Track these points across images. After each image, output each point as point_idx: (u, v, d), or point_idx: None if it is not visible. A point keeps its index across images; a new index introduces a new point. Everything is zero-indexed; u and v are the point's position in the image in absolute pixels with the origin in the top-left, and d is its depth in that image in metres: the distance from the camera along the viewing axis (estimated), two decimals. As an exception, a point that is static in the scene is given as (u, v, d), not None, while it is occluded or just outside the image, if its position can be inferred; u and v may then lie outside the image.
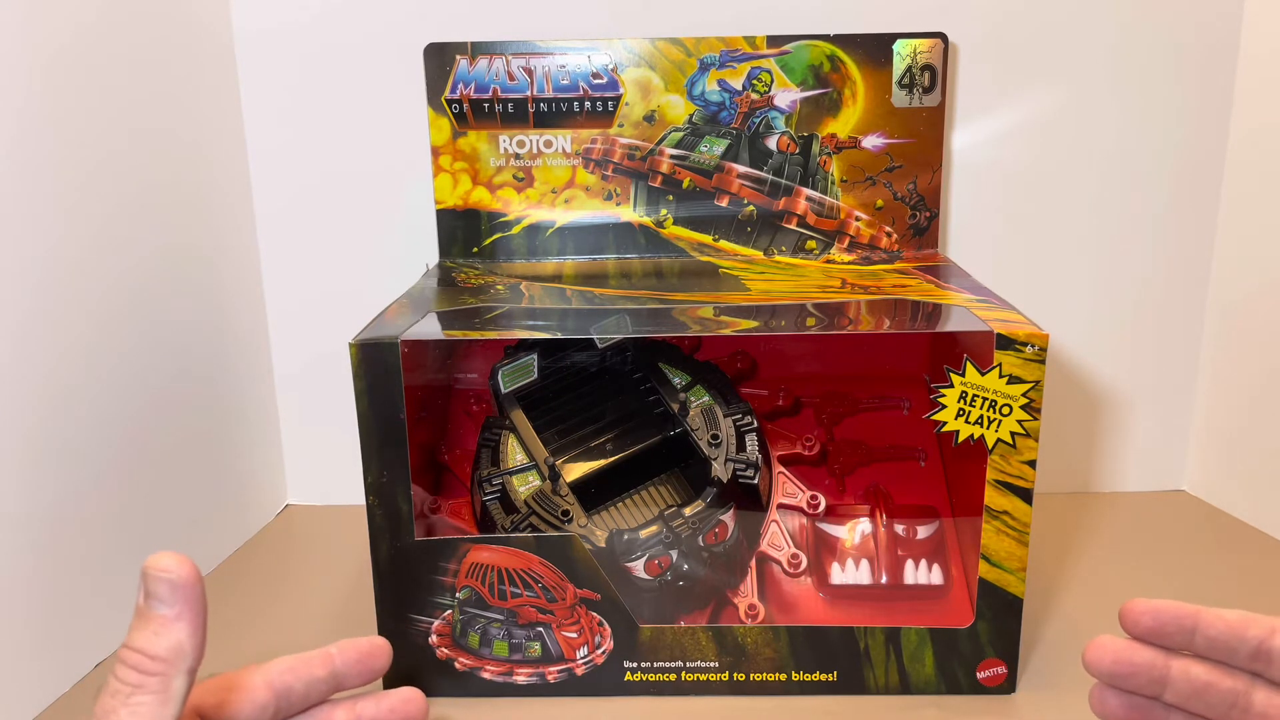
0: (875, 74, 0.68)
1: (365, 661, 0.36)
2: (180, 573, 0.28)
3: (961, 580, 0.58)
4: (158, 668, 0.28)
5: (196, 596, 0.28)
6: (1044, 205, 0.77)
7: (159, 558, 0.28)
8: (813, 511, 0.61)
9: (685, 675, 0.55)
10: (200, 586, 0.29)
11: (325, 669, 0.35)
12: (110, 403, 0.60)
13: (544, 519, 0.58)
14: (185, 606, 0.28)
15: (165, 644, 0.28)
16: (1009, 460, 0.51)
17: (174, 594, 0.28)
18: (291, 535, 0.77)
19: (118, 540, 0.60)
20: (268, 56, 0.74)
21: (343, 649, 0.36)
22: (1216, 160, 0.76)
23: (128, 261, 0.62)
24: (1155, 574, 0.68)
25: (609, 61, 0.69)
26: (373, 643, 0.37)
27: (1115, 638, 0.38)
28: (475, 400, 0.68)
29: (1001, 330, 0.50)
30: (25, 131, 0.53)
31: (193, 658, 0.28)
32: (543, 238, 0.71)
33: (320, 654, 0.36)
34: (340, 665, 0.36)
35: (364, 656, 0.36)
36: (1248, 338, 0.75)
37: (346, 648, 0.36)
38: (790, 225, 0.70)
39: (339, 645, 0.36)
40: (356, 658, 0.36)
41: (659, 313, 0.56)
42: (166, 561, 0.28)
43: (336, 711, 0.36)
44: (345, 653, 0.36)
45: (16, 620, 0.53)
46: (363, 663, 0.36)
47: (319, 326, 0.78)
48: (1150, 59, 0.74)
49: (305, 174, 0.76)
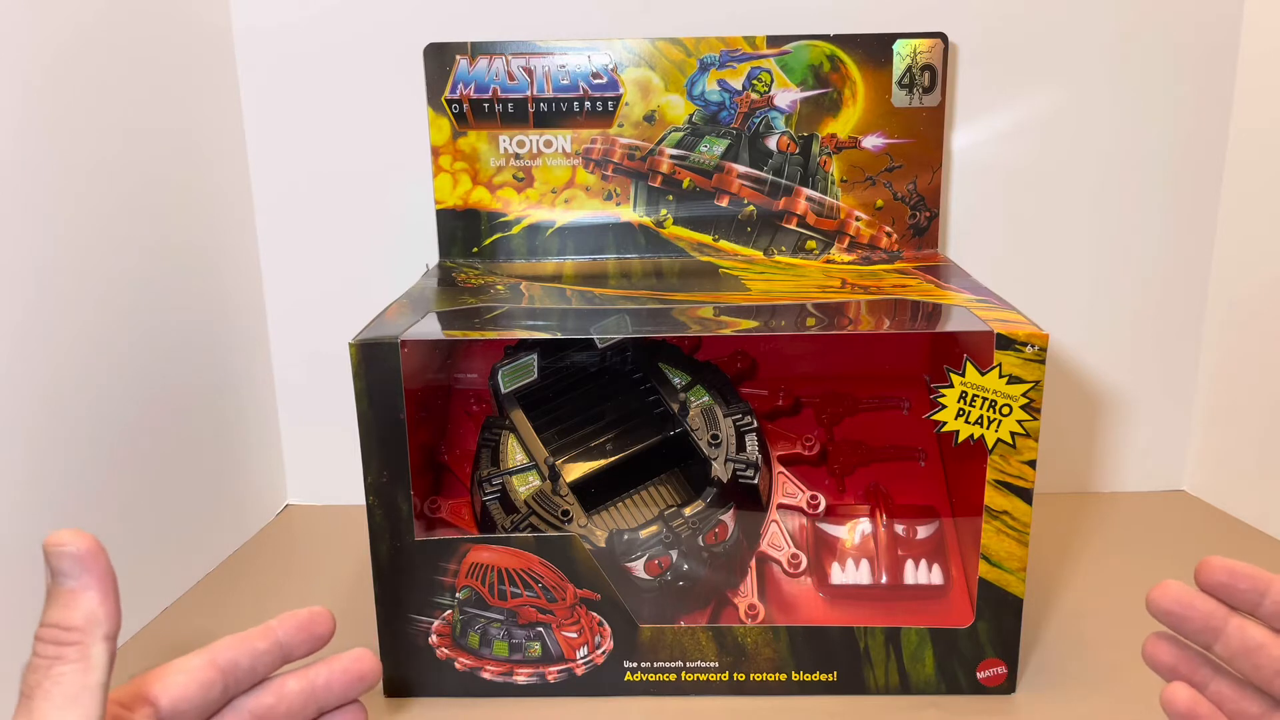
0: (875, 74, 0.68)
1: (307, 629, 0.36)
2: (79, 544, 0.28)
3: (961, 580, 0.58)
4: (73, 637, 0.28)
5: (101, 565, 0.29)
6: (1044, 205, 0.77)
7: (57, 534, 0.29)
8: (813, 511, 0.61)
9: (685, 675, 0.55)
10: (104, 556, 0.29)
11: (266, 641, 0.36)
12: (110, 403, 0.60)
13: (544, 519, 0.58)
14: (90, 576, 0.29)
15: (77, 614, 0.28)
16: (1009, 460, 0.51)
17: (76, 565, 0.28)
18: (291, 535, 0.77)
19: (118, 540, 0.60)
20: (268, 56, 0.74)
21: (283, 620, 0.37)
22: (1216, 160, 0.76)
23: (127, 261, 0.62)
24: (1155, 574, 0.67)
25: (609, 61, 0.69)
26: (312, 611, 0.37)
27: (1182, 583, 0.38)
28: (475, 400, 0.68)
29: (1001, 330, 0.50)
30: (25, 131, 0.53)
31: (108, 624, 0.29)
32: (543, 238, 0.71)
33: (260, 628, 0.36)
34: (282, 636, 0.36)
35: (304, 624, 0.36)
36: (1248, 338, 0.75)
37: (286, 618, 0.37)
38: (790, 225, 0.70)
39: (279, 617, 0.37)
40: (297, 625, 0.36)
41: (659, 313, 0.56)
42: (64, 536, 0.29)
43: (289, 680, 0.36)
44: (285, 623, 0.36)
45: (16, 620, 0.53)
46: (304, 629, 0.36)
47: (319, 326, 0.78)
48: (1150, 59, 0.74)
49: (305, 174, 0.76)
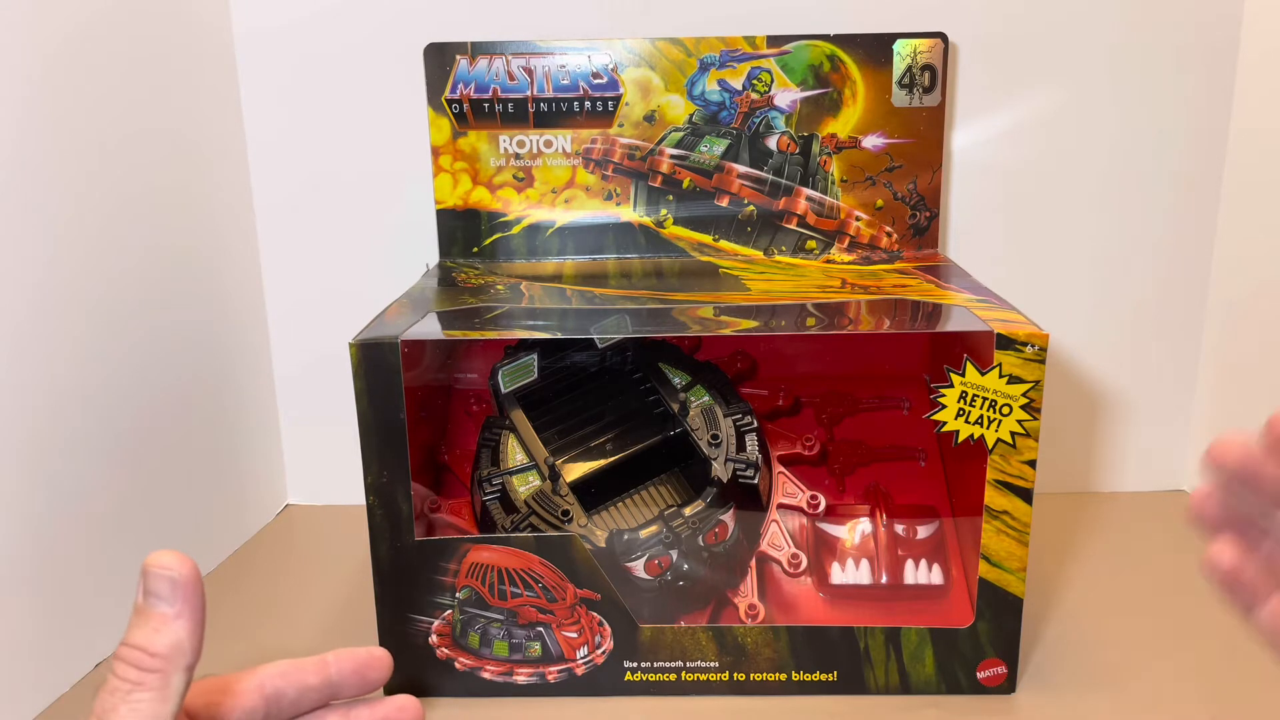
0: (875, 74, 0.68)
1: (361, 672, 0.35)
2: (181, 570, 0.28)
3: (961, 580, 0.58)
4: (157, 664, 0.28)
5: (196, 594, 0.29)
6: (1044, 205, 0.77)
7: (159, 555, 0.28)
8: (813, 511, 0.61)
9: (685, 675, 0.55)
10: (200, 585, 0.29)
11: (319, 677, 0.34)
12: (110, 403, 0.60)
13: (544, 519, 0.57)
14: (185, 604, 0.28)
15: (165, 641, 0.28)
16: (1009, 460, 0.51)
17: (174, 591, 0.28)
18: (291, 535, 0.77)
19: (118, 540, 0.60)
20: (268, 56, 0.74)
21: (339, 658, 0.35)
22: (1216, 160, 0.76)
23: (127, 262, 0.62)
24: (1155, 574, 0.68)
25: (609, 61, 0.69)
26: (371, 653, 0.35)
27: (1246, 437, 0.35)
28: (475, 400, 0.68)
29: (1001, 330, 0.50)
30: (25, 131, 0.53)
31: (191, 655, 0.28)
32: (543, 238, 0.71)
33: (316, 661, 0.35)
34: (335, 675, 0.35)
35: (361, 667, 0.35)
36: (1248, 338, 0.75)
37: (344, 656, 0.35)
38: (790, 225, 0.70)
39: (336, 653, 0.35)
40: (354, 668, 0.35)
41: (659, 313, 0.56)
42: (167, 559, 0.28)
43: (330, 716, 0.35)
44: (342, 661, 0.35)
45: (16, 620, 0.53)
46: (359, 673, 0.35)
47: (319, 326, 0.78)
48: (1150, 59, 0.74)
49: (305, 174, 0.76)
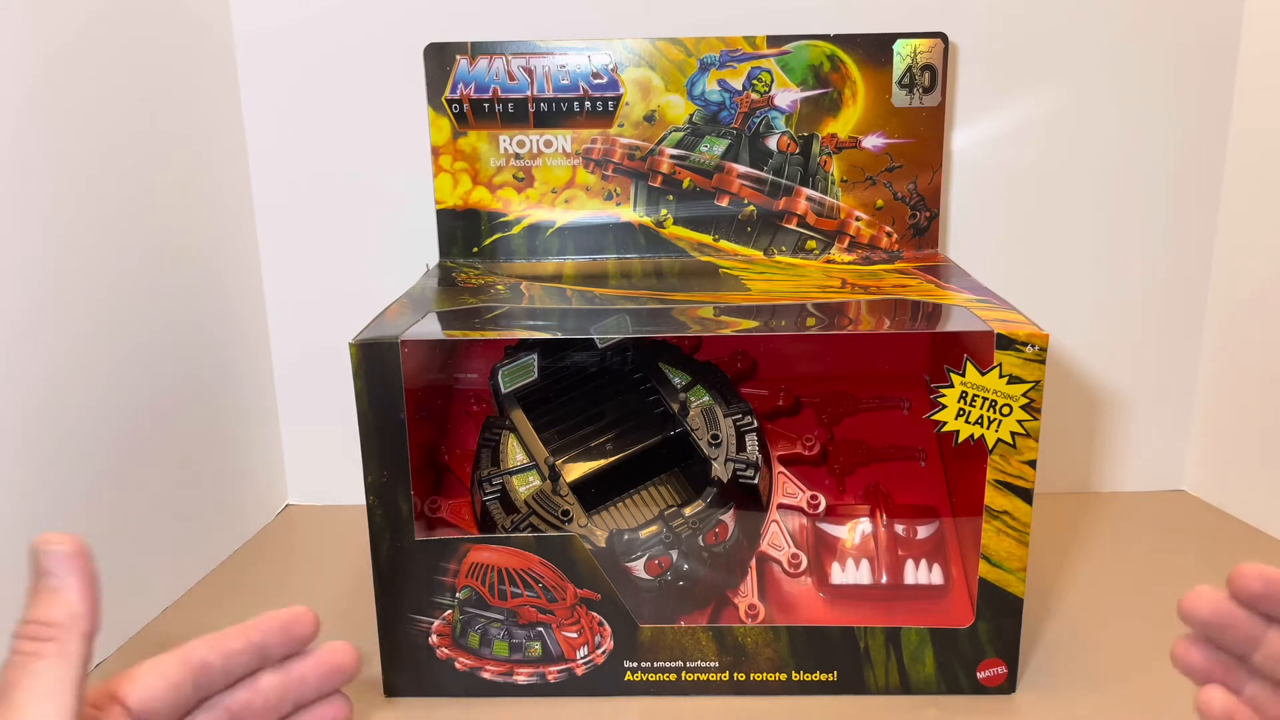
0: (875, 74, 0.68)
1: (287, 629, 0.35)
2: (66, 545, 0.29)
3: (961, 580, 0.58)
4: (53, 633, 0.29)
5: (85, 565, 0.30)
6: (1044, 205, 0.77)
7: (44, 537, 0.29)
8: (813, 511, 0.61)
9: (685, 675, 0.55)
10: (89, 558, 0.30)
11: (242, 641, 0.35)
12: (110, 403, 0.60)
13: (544, 519, 0.57)
14: (74, 576, 0.29)
15: (59, 611, 0.29)
16: (1009, 460, 0.51)
17: (61, 564, 0.29)
18: (291, 535, 0.77)
19: (118, 540, 0.60)
20: (268, 56, 0.74)
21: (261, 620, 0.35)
22: (1216, 161, 0.76)
23: (127, 262, 0.61)
24: (1155, 574, 0.68)
25: (609, 61, 0.69)
26: (293, 611, 0.35)
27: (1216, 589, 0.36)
28: (475, 400, 0.68)
29: (1001, 330, 0.50)
30: (25, 131, 0.53)
31: (87, 621, 0.29)
32: (543, 238, 0.71)
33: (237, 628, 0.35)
34: (260, 636, 0.35)
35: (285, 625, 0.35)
36: (1248, 338, 0.75)
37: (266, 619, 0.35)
38: (790, 225, 0.70)
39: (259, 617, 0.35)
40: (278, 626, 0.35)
41: (659, 313, 0.56)
42: (51, 537, 0.29)
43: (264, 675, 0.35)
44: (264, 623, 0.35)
45: (16, 621, 0.53)
46: (285, 630, 0.35)
47: (318, 326, 0.78)
48: (1150, 59, 0.74)
49: (305, 174, 0.76)
